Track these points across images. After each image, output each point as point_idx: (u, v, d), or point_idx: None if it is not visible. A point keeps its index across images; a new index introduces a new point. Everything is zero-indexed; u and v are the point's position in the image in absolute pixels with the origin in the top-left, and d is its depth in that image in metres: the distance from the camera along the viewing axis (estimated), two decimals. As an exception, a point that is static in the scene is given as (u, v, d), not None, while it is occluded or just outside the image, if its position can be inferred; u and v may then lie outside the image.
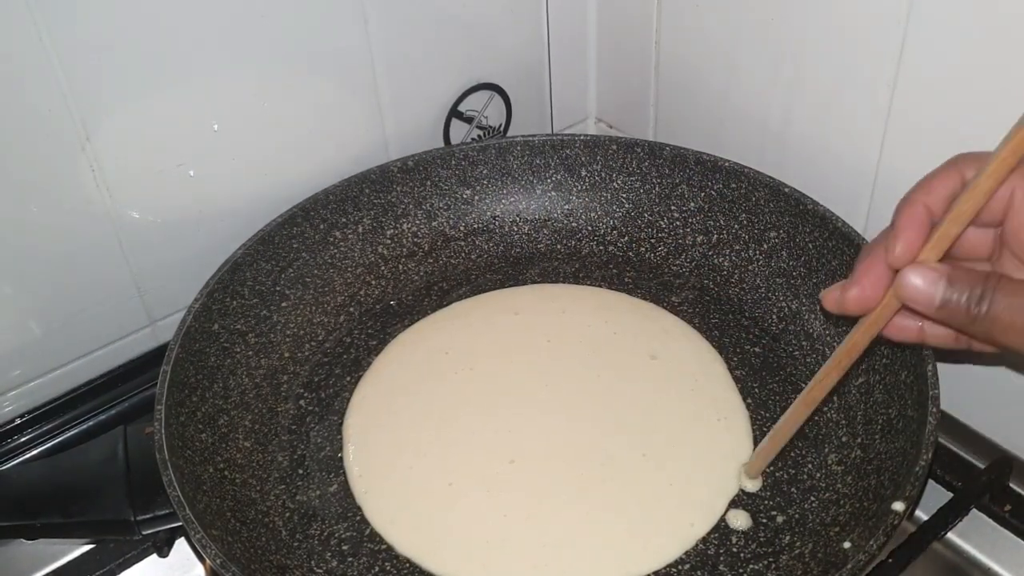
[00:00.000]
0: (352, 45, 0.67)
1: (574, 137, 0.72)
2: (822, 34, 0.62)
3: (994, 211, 0.39)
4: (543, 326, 0.65)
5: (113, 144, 0.59)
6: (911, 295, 0.38)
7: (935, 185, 0.39)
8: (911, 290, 0.38)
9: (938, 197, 0.39)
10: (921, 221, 0.39)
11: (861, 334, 0.41)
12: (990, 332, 0.37)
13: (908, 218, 0.39)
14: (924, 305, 0.38)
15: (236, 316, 0.62)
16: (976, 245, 0.41)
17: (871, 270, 0.40)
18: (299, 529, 0.54)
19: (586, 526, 0.52)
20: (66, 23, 0.54)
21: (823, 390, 0.44)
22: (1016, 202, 0.38)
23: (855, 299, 0.40)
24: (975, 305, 0.37)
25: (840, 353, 0.43)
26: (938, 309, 0.38)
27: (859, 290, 0.40)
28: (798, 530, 0.52)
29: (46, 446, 0.63)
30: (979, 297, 0.37)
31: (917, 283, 0.38)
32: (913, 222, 0.39)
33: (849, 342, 0.42)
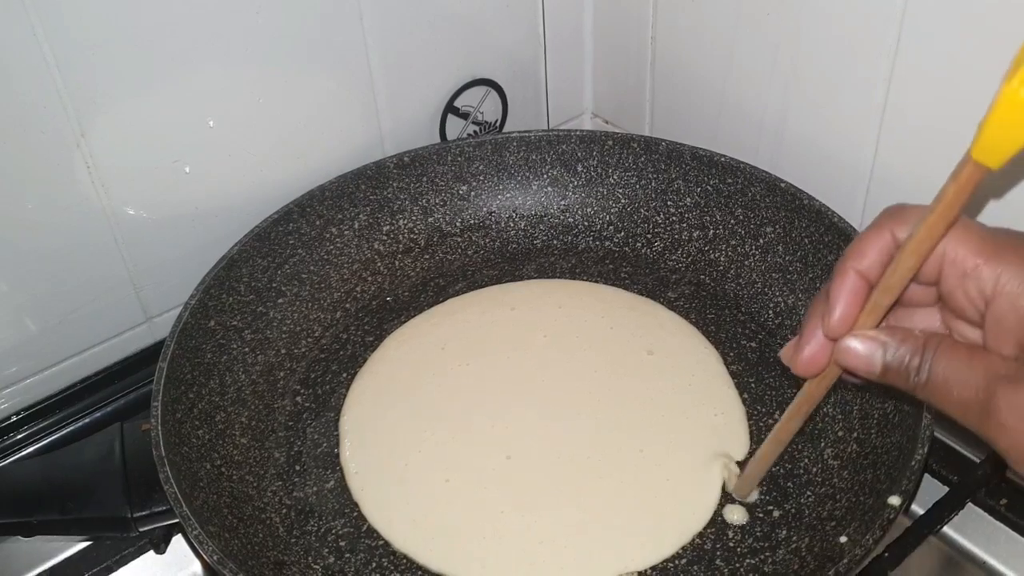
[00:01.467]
0: (348, 41, 0.67)
1: (570, 133, 0.72)
2: (818, 30, 0.62)
3: (928, 272, 0.37)
4: (540, 322, 0.65)
5: (108, 140, 0.59)
6: (852, 364, 0.38)
7: (866, 249, 0.38)
8: (852, 358, 0.38)
9: (871, 262, 0.38)
10: (854, 290, 0.38)
11: (816, 386, 0.41)
12: (932, 401, 0.36)
13: (841, 288, 0.38)
14: (865, 373, 0.38)
15: (232, 312, 0.62)
16: (921, 297, 0.40)
17: (814, 334, 0.39)
18: (296, 525, 0.54)
19: (583, 521, 0.53)
20: (60, 18, 0.54)
21: (789, 432, 0.45)
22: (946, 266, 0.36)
23: (804, 363, 0.40)
24: (914, 375, 0.36)
25: (799, 400, 0.43)
26: (881, 376, 0.38)
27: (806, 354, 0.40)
28: (794, 524, 0.52)
29: (43, 443, 0.63)
30: (917, 367, 0.36)
31: (855, 351, 0.37)
32: (845, 292, 0.38)
33: (808, 393, 0.42)
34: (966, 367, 0.35)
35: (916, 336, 0.37)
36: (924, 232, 0.35)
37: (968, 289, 0.36)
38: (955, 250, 0.36)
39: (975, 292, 0.35)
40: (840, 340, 0.38)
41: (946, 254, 0.36)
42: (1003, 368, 0.34)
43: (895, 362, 0.37)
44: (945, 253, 0.36)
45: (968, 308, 0.36)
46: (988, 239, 0.36)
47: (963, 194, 0.33)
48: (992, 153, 0.32)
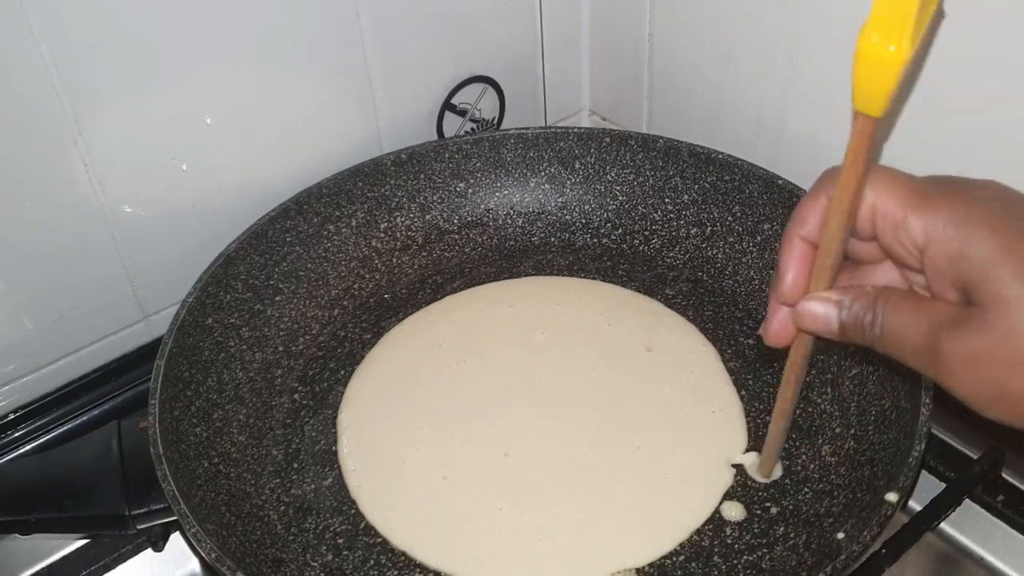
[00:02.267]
0: (345, 38, 0.67)
1: (568, 130, 0.72)
2: (815, 26, 0.62)
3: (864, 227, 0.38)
4: (537, 319, 0.65)
5: (106, 138, 0.59)
6: (811, 326, 0.39)
7: (806, 215, 0.39)
8: (809, 321, 0.39)
9: (812, 227, 0.39)
10: (800, 256, 0.39)
11: (794, 354, 0.43)
12: (890, 353, 0.37)
13: (787, 256, 0.39)
14: (825, 332, 0.39)
15: (230, 310, 0.62)
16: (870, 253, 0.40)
17: (777, 310, 0.41)
18: (294, 523, 0.54)
19: (581, 518, 0.53)
20: (57, 16, 0.54)
21: (786, 401, 0.45)
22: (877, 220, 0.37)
23: (772, 335, 0.41)
24: (869, 330, 0.37)
25: (785, 370, 0.44)
26: (840, 335, 0.38)
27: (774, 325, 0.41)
28: (792, 521, 0.52)
29: (40, 441, 0.63)
30: (871, 321, 0.37)
31: (812, 312, 0.39)
32: (792, 258, 0.39)
33: (789, 360, 0.43)
34: (912, 317, 0.36)
35: (868, 292, 0.38)
36: (839, 189, 0.36)
37: (902, 240, 0.36)
38: (884, 204, 0.36)
39: (908, 242, 0.36)
40: (796, 306, 0.39)
41: (876, 208, 0.37)
42: (944, 314, 0.35)
43: (850, 320, 0.38)
44: (876, 208, 0.37)
45: (908, 258, 0.37)
46: (915, 189, 0.36)
47: (861, 146, 0.35)
48: (870, 101, 0.33)
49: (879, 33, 0.32)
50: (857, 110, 0.34)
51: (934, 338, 0.34)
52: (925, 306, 0.36)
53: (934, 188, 0.36)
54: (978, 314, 0.33)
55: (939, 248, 0.35)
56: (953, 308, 0.35)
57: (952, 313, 0.35)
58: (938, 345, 0.34)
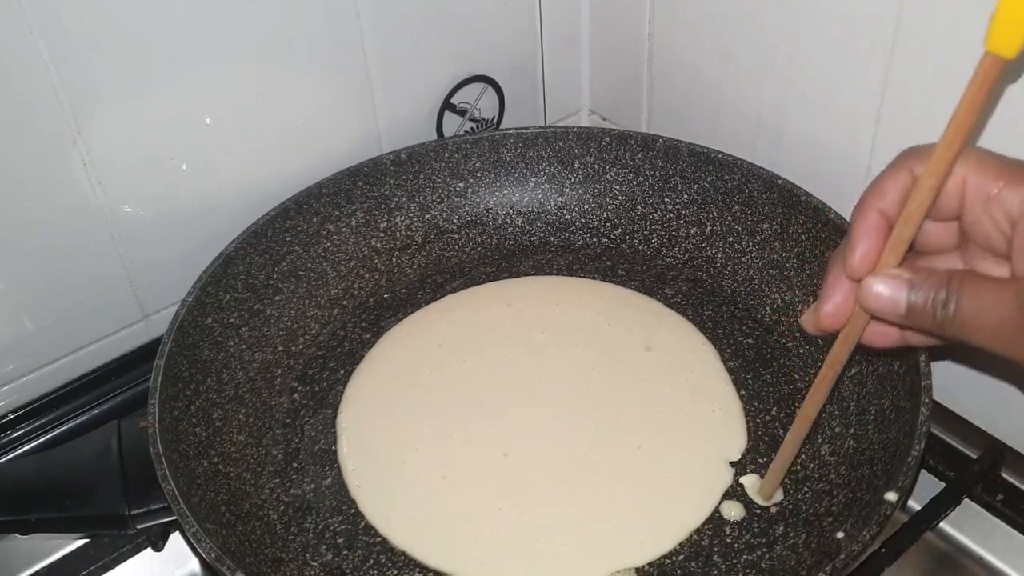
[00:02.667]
0: (344, 38, 0.67)
1: (567, 129, 0.72)
2: (815, 26, 0.62)
3: (949, 204, 0.37)
4: (537, 318, 0.65)
5: (105, 138, 0.59)
6: (875, 305, 0.37)
7: (886, 187, 0.38)
8: (874, 299, 0.37)
9: (891, 200, 0.37)
10: (876, 227, 0.38)
11: (839, 347, 0.41)
12: (960, 335, 0.36)
13: (862, 226, 0.38)
14: (890, 313, 0.37)
15: (229, 310, 0.62)
16: (941, 239, 0.39)
17: (837, 284, 0.39)
18: (294, 522, 0.54)
19: (580, 518, 0.53)
20: (57, 15, 0.54)
21: (815, 405, 0.44)
22: (968, 193, 0.36)
23: (828, 316, 0.39)
24: (940, 309, 0.36)
25: (824, 368, 0.42)
26: (905, 316, 0.37)
27: (829, 306, 0.39)
28: (791, 520, 0.52)
29: (40, 441, 0.63)
30: (944, 301, 0.36)
31: (880, 292, 0.37)
32: (867, 230, 0.38)
33: (831, 356, 0.41)
34: (995, 294, 0.34)
35: (940, 272, 0.36)
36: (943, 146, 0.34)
37: (993, 213, 0.35)
38: (975, 178, 0.35)
39: (1000, 215, 0.35)
40: (863, 281, 0.37)
41: (967, 181, 0.36)
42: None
43: (920, 300, 0.36)
44: (966, 182, 0.36)
45: (994, 235, 0.36)
46: (1007, 165, 0.35)
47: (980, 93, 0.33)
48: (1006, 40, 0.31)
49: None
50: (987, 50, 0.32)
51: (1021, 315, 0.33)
52: (1008, 285, 0.35)
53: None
54: None
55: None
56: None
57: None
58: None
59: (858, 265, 0.37)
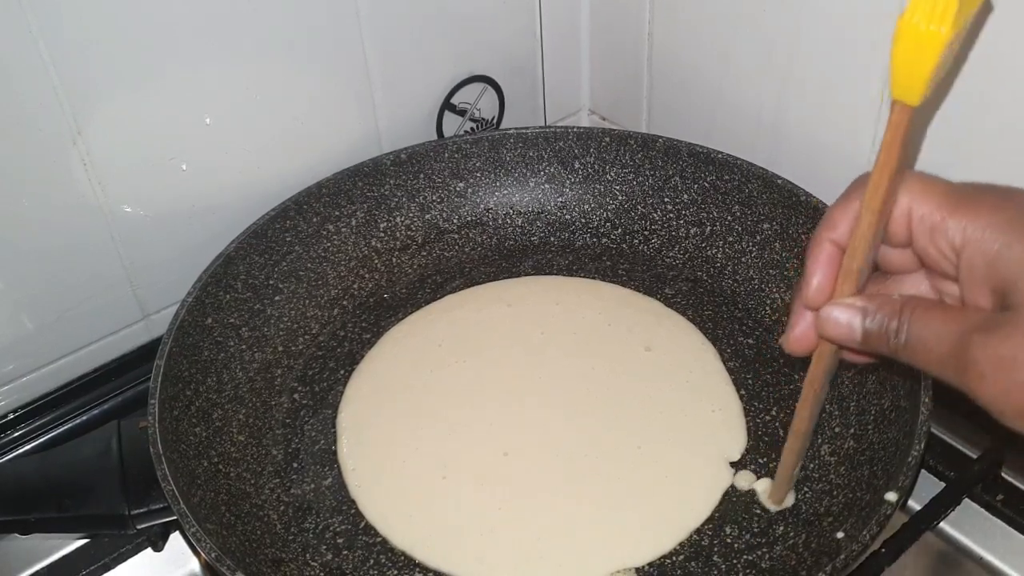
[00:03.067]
0: (344, 38, 0.67)
1: (567, 129, 0.72)
2: (815, 26, 0.62)
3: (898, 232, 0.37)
4: (537, 318, 0.65)
5: (105, 138, 0.59)
6: (832, 332, 0.38)
7: (837, 218, 0.38)
8: (831, 327, 0.38)
9: (842, 231, 0.38)
10: (828, 259, 0.38)
11: (813, 367, 0.42)
12: (913, 362, 0.36)
13: (815, 259, 0.38)
14: (847, 340, 0.38)
15: (229, 310, 0.62)
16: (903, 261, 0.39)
17: (800, 316, 0.40)
18: (294, 523, 0.54)
19: (580, 518, 0.53)
20: (56, 15, 0.54)
21: (803, 421, 0.45)
22: (914, 223, 0.36)
23: (793, 342, 0.41)
24: (893, 338, 0.36)
25: (805, 387, 0.43)
26: (862, 343, 0.37)
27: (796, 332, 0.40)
28: (791, 520, 0.52)
29: (40, 441, 0.63)
30: (895, 329, 0.36)
31: (835, 319, 0.38)
32: (819, 261, 0.38)
33: (808, 375, 0.42)
34: (940, 324, 0.35)
35: (893, 300, 0.37)
36: (871, 186, 0.35)
37: (938, 243, 0.36)
38: (920, 207, 0.36)
39: (945, 246, 0.36)
40: (819, 311, 0.38)
41: (912, 212, 0.36)
42: (975, 321, 0.34)
43: (875, 327, 0.37)
44: (911, 211, 0.36)
45: (943, 263, 0.36)
46: (951, 193, 0.36)
47: (896, 138, 0.33)
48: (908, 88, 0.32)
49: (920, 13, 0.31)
50: (894, 98, 0.33)
51: (963, 344, 0.34)
52: (954, 314, 0.35)
53: (972, 192, 0.36)
54: (1013, 317, 0.33)
55: (977, 249, 0.34)
56: (982, 314, 0.34)
57: (983, 318, 0.34)
58: (967, 351, 0.33)
59: (813, 296, 0.39)
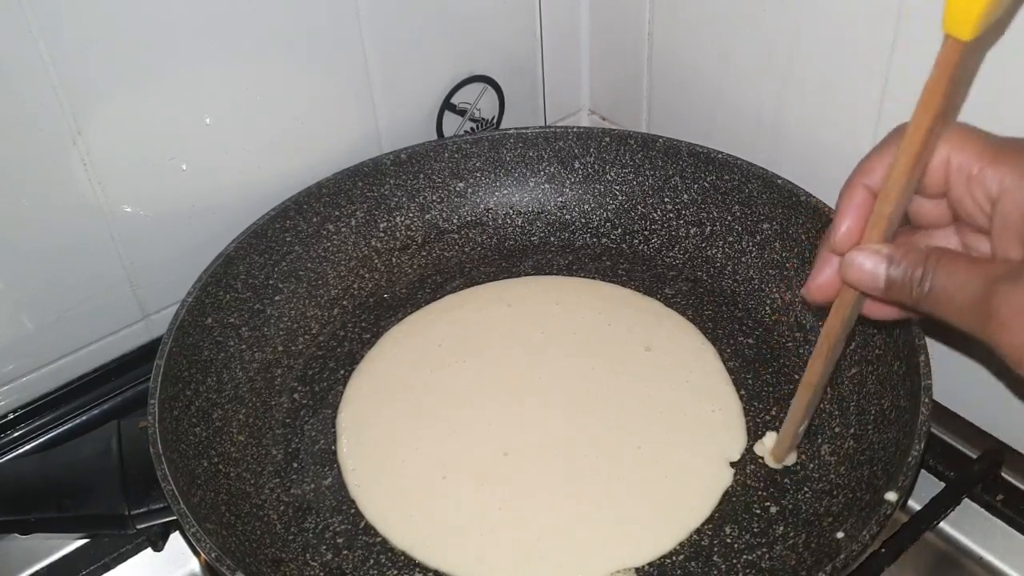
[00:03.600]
0: (344, 37, 0.67)
1: (567, 129, 0.72)
2: (815, 25, 0.62)
3: (935, 182, 0.37)
4: (537, 318, 0.65)
5: (105, 138, 0.59)
6: (856, 277, 0.38)
7: (873, 164, 0.38)
8: (855, 272, 0.38)
9: (878, 177, 0.38)
10: (860, 204, 0.38)
11: (832, 318, 0.41)
12: (935, 311, 0.36)
13: (847, 203, 0.38)
14: (870, 287, 0.38)
15: (229, 310, 0.62)
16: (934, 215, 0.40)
17: (826, 260, 0.40)
18: (294, 523, 0.54)
19: (581, 518, 0.53)
20: (56, 15, 0.54)
21: (815, 374, 0.44)
22: (952, 172, 0.37)
23: (815, 289, 0.40)
24: (917, 286, 0.36)
25: (820, 338, 0.43)
26: (885, 290, 0.37)
27: (818, 279, 0.40)
28: (791, 520, 0.52)
29: (40, 441, 0.63)
30: (920, 278, 0.36)
31: (860, 265, 0.37)
32: (852, 206, 0.38)
33: (825, 327, 0.42)
34: (965, 273, 0.35)
35: (919, 250, 0.37)
36: (911, 127, 0.35)
37: (975, 193, 0.36)
38: (959, 156, 0.36)
39: (981, 195, 0.36)
40: (845, 256, 0.38)
41: (951, 161, 0.36)
42: (1001, 269, 0.34)
43: (899, 275, 0.37)
44: (950, 161, 0.36)
45: (977, 213, 0.36)
46: (990, 144, 0.36)
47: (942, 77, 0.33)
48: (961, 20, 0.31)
49: None
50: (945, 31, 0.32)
51: (988, 292, 0.34)
52: (980, 264, 0.35)
53: (1011, 144, 0.36)
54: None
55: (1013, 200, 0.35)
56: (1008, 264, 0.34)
57: (1009, 268, 0.34)
58: (992, 298, 0.33)
59: (840, 240, 0.38)
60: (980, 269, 0.35)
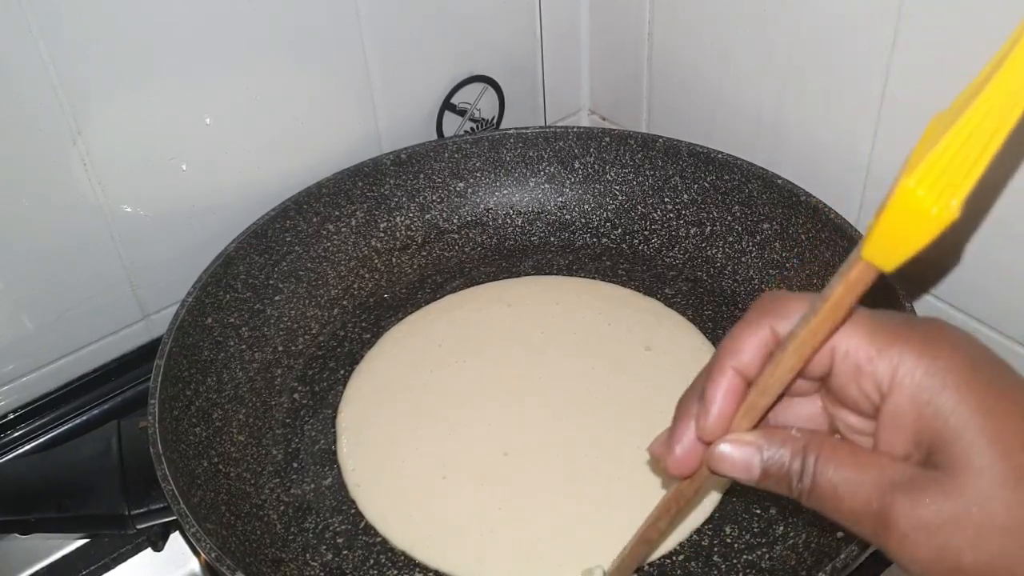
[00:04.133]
0: (344, 37, 0.67)
1: (567, 129, 0.72)
2: (815, 26, 0.62)
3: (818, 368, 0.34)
4: (537, 318, 0.65)
5: (105, 138, 0.59)
6: (725, 470, 0.34)
7: (744, 344, 0.34)
8: (725, 466, 0.34)
9: (749, 359, 0.34)
10: (731, 390, 0.34)
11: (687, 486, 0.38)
12: (822, 509, 0.33)
13: (716, 388, 0.34)
14: (742, 479, 0.34)
15: (229, 310, 0.62)
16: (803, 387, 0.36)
17: (684, 435, 0.36)
18: (294, 523, 0.54)
19: (580, 518, 0.53)
20: (56, 15, 0.54)
21: (656, 531, 0.40)
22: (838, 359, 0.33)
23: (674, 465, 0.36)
24: (797, 481, 0.33)
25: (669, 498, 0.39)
26: (759, 482, 0.34)
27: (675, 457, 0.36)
28: (791, 520, 0.52)
29: (40, 441, 0.63)
30: (799, 472, 0.33)
31: (731, 457, 0.34)
32: (720, 392, 0.34)
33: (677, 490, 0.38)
34: (855, 474, 0.32)
35: (795, 437, 0.33)
36: (807, 334, 0.31)
37: (863, 384, 0.32)
38: (847, 342, 0.32)
39: (870, 387, 0.32)
40: (713, 445, 0.34)
41: (836, 347, 0.33)
42: (897, 474, 0.31)
43: (774, 466, 0.33)
44: (836, 346, 0.33)
45: (862, 402, 0.33)
46: (880, 327, 0.32)
47: (851, 295, 0.29)
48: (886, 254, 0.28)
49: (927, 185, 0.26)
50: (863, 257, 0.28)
51: (884, 501, 0.31)
52: (870, 461, 0.32)
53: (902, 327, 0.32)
54: (943, 478, 0.30)
55: (906, 396, 0.31)
56: (904, 467, 0.31)
57: (906, 473, 0.31)
58: (890, 510, 0.30)
59: (710, 429, 0.34)
60: (872, 471, 0.32)
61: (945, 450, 0.30)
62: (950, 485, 0.30)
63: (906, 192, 0.26)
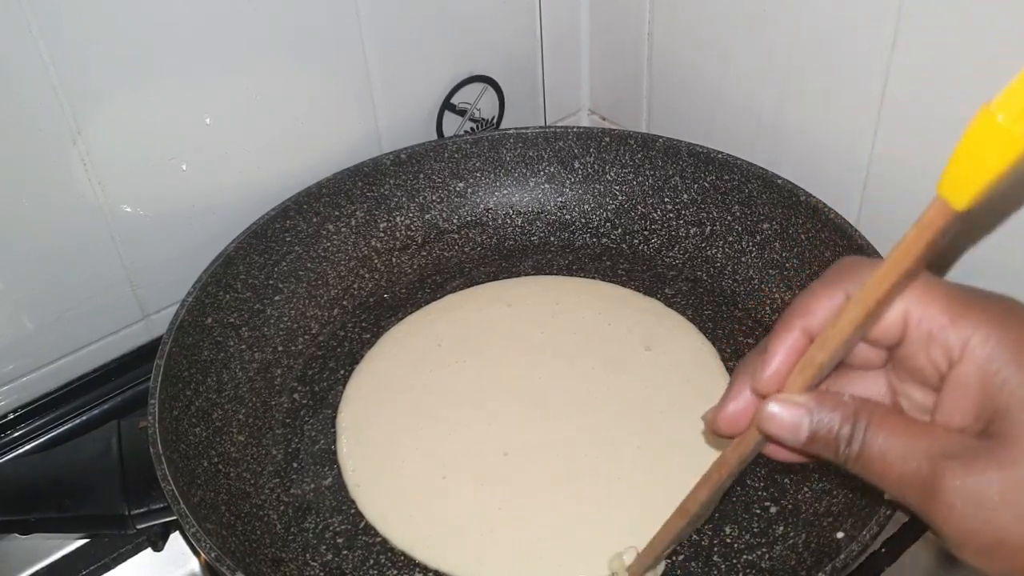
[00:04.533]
0: (344, 37, 0.67)
1: (567, 129, 0.72)
2: (815, 26, 0.62)
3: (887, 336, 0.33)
4: (537, 318, 0.65)
5: (105, 138, 0.59)
6: (774, 430, 0.33)
7: (815, 305, 0.34)
8: (775, 425, 0.33)
9: (819, 320, 0.34)
10: (794, 348, 0.34)
11: (731, 451, 0.37)
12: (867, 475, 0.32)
13: (780, 343, 0.34)
14: (790, 441, 0.33)
15: (229, 310, 0.62)
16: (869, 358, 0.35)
17: (740, 393, 0.36)
18: (294, 523, 0.54)
19: (580, 518, 0.53)
20: (56, 15, 0.54)
21: (695, 502, 0.40)
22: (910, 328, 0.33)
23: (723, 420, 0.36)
24: (844, 445, 0.32)
25: (712, 468, 0.38)
26: (806, 444, 0.33)
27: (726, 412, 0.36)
28: (791, 520, 0.52)
29: (40, 441, 0.63)
30: (848, 436, 0.32)
31: (779, 417, 0.33)
32: (783, 348, 0.34)
33: (721, 457, 0.37)
34: (903, 439, 0.31)
35: (846, 402, 0.33)
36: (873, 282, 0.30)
37: (932, 352, 0.32)
38: (920, 310, 0.32)
39: (940, 355, 0.32)
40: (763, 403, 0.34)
41: (910, 314, 0.32)
42: (949, 444, 0.31)
43: (822, 430, 0.33)
44: (909, 313, 0.32)
45: (929, 372, 0.33)
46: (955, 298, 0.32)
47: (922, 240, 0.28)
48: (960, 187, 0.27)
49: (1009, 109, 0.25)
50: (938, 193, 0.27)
51: (934, 469, 0.30)
52: (921, 430, 0.32)
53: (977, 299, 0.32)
54: (997, 448, 0.30)
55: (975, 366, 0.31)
56: (958, 437, 0.31)
57: (958, 443, 0.31)
58: (940, 478, 0.30)
59: (766, 381, 0.34)
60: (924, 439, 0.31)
61: (1008, 420, 0.30)
62: (1004, 454, 0.30)
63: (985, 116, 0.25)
